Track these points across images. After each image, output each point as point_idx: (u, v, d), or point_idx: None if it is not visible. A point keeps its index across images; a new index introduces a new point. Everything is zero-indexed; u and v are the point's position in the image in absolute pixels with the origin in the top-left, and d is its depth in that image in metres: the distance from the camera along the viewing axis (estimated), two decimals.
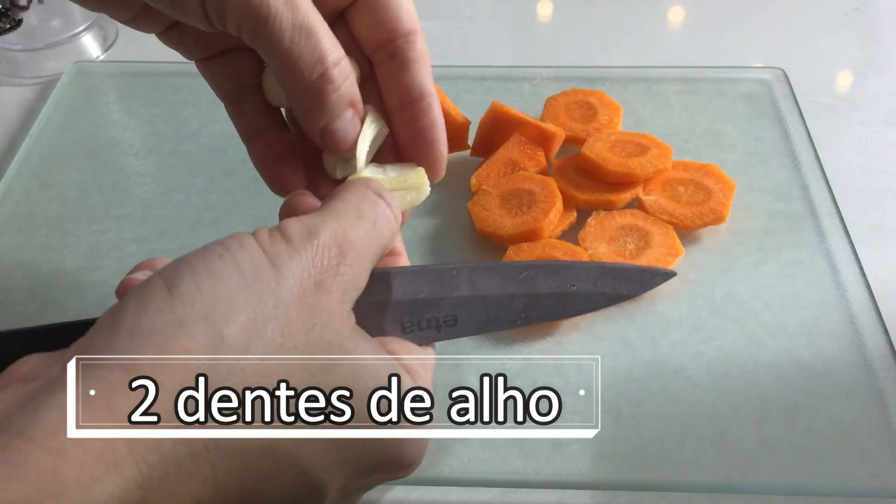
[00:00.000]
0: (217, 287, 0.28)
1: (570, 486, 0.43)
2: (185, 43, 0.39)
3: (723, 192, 0.56)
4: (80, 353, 0.26)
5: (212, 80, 0.40)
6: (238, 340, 0.27)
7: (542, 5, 0.82)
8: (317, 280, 0.30)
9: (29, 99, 0.69)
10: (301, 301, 0.29)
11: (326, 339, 0.30)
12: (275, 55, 0.34)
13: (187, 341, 0.27)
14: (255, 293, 0.28)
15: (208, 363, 0.27)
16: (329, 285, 0.30)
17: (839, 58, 0.73)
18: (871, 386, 0.47)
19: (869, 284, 0.51)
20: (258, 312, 0.28)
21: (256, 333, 0.28)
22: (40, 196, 0.59)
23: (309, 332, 0.29)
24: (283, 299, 0.29)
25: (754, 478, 0.43)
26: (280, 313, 0.29)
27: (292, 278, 0.29)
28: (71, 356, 0.26)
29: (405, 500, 0.43)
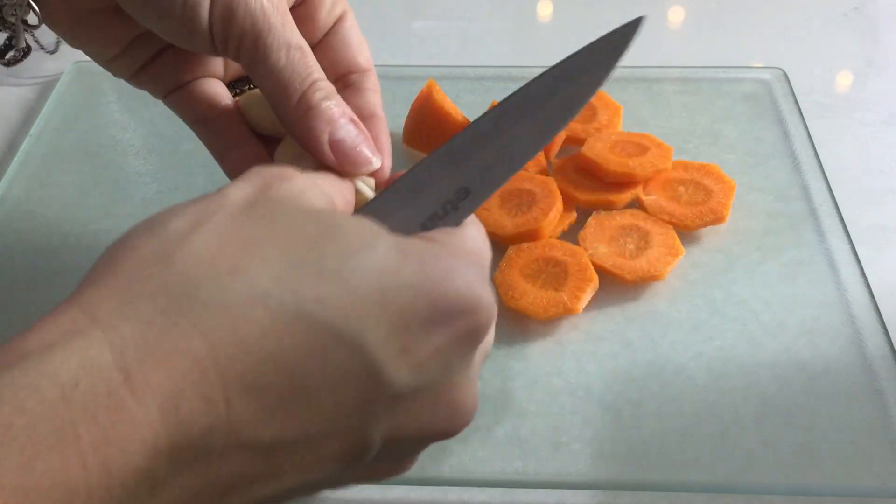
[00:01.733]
0: (162, 211, 0.29)
1: (570, 486, 0.43)
2: (159, 79, 0.41)
3: (723, 192, 0.56)
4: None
5: (182, 108, 0.41)
6: (180, 226, 0.27)
7: (542, 5, 0.82)
8: (264, 184, 0.30)
9: (29, 99, 0.69)
10: (252, 194, 0.29)
11: (287, 208, 0.29)
12: (271, 71, 0.36)
13: (129, 244, 0.27)
14: (198, 202, 0.29)
15: (155, 244, 0.27)
16: (280, 186, 0.30)
17: (839, 58, 0.73)
18: (871, 386, 0.47)
19: (869, 284, 0.51)
20: (201, 208, 0.28)
21: (202, 218, 0.28)
22: (40, 196, 0.59)
23: (266, 206, 0.29)
24: (228, 199, 0.29)
25: (754, 478, 0.43)
26: (227, 204, 0.28)
27: (236, 189, 0.29)
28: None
29: (405, 499, 0.43)
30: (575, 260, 0.51)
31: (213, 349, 0.24)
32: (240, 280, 0.26)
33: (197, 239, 0.27)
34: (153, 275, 0.26)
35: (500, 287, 0.51)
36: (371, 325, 0.27)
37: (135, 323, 0.24)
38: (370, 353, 0.27)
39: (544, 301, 0.50)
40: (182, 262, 0.26)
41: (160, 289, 0.25)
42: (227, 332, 0.25)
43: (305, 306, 0.26)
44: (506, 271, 0.52)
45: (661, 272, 0.51)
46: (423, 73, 0.66)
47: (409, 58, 0.72)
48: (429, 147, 0.61)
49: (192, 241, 0.27)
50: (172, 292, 0.25)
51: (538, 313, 0.49)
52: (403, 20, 0.79)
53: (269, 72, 0.36)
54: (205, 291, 0.25)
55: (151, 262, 0.26)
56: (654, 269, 0.51)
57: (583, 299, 0.50)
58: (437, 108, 0.59)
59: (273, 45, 0.35)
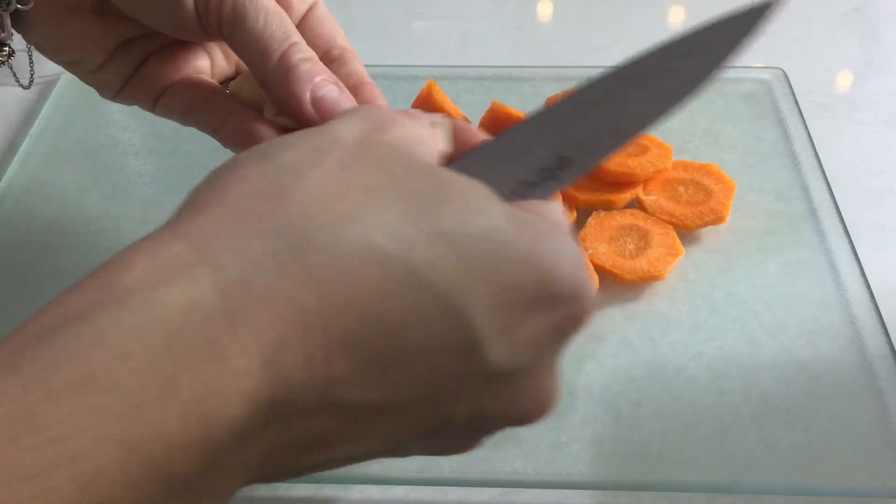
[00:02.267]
0: (272, 141, 0.28)
1: (570, 486, 0.43)
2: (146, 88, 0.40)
3: (723, 192, 0.56)
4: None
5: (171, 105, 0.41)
6: (295, 161, 0.26)
7: (542, 5, 0.82)
8: (376, 126, 0.29)
9: (29, 99, 0.69)
10: (362, 138, 0.28)
11: (404, 157, 0.28)
12: (249, 35, 0.36)
13: (238, 173, 0.26)
14: (308, 138, 0.28)
15: (268, 180, 0.25)
16: (392, 129, 0.29)
17: (839, 58, 0.73)
18: (871, 386, 0.47)
19: (869, 284, 0.51)
20: (315, 143, 0.27)
21: (316, 155, 0.26)
22: (40, 196, 0.59)
23: (379, 150, 0.27)
24: (340, 137, 0.28)
25: (754, 478, 0.43)
26: (340, 145, 0.27)
27: (346, 128, 0.28)
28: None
29: (405, 499, 0.43)
30: None
31: (321, 301, 0.23)
32: (357, 229, 0.25)
33: (314, 176, 0.25)
34: (267, 211, 0.24)
35: None
36: (478, 298, 0.26)
37: (244, 264, 0.23)
38: (473, 325, 0.25)
39: None
40: (299, 200, 0.25)
41: (274, 228, 0.24)
42: (339, 285, 0.24)
43: (418, 267, 0.25)
44: None
45: (661, 272, 0.51)
46: (423, 73, 0.66)
47: (409, 58, 0.72)
48: None
49: (309, 178, 0.25)
50: (287, 234, 0.24)
51: None
52: (403, 20, 0.79)
53: (248, 35, 0.36)
54: (322, 236, 0.24)
55: (264, 196, 0.25)
56: (654, 269, 0.51)
57: None
58: (437, 108, 0.59)
59: (251, 9, 0.36)
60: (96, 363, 0.21)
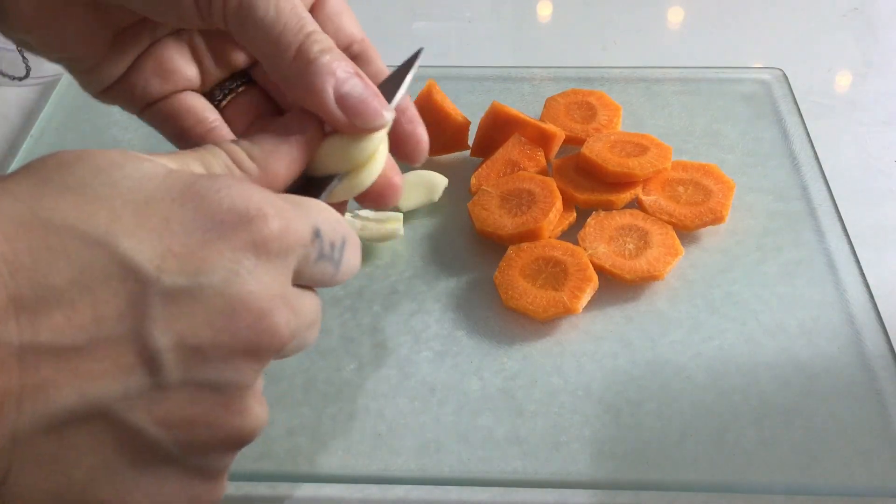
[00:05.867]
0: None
1: (570, 485, 0.43)
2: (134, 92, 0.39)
3: (722, 192, 0.56)
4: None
5: (162, 122, 0.40)
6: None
7: (542, 5, 0.82)
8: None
9: (30, 99, 0.69)
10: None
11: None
12: (260, 27, 0.33)
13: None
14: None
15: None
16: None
17: (838, 58, 0.73)
18: (871, 386, 0.47)
19: (868, 284, 0.51)
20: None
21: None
22: None
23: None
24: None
25: (754, 477, 0.43)
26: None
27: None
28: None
29: (405, 499, 0.44)
30: (574, 260, 0.51)
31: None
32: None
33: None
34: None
35: (500, 287, 0.51)
36: (124, 227, 0.26)
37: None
38: (123, 252, 0.26)
39: (544, 301, 0.50)
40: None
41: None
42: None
43: (40, 213, 0.26)
44: (505, 271, 0.52)
45: (660, 272, 0.51)
46: (423, 73, 0.66)
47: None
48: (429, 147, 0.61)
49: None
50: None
51: (538, 313, 0.50)
52: (403, 21, 0.79)
53: (259, 28, 0.33)
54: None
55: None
56: (654, 269, 0.51)
57: (582, 299, 0.50)
58: (437, 108, 0.59)
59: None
60: None
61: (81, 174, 0.27)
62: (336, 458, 0.44)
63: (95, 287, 0.26)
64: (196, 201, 0.28)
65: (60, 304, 0.25)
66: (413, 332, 0.50)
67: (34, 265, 0.25)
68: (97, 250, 0.26)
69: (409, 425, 0.46)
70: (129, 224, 0.27)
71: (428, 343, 0.50)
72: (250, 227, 0.28)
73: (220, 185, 0.29)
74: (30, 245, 0.26)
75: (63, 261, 0.26)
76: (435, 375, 0.48)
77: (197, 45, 0.39)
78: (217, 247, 0.28)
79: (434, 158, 0.61)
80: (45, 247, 0.26)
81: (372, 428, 0.46)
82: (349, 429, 0.46)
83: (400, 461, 0.44)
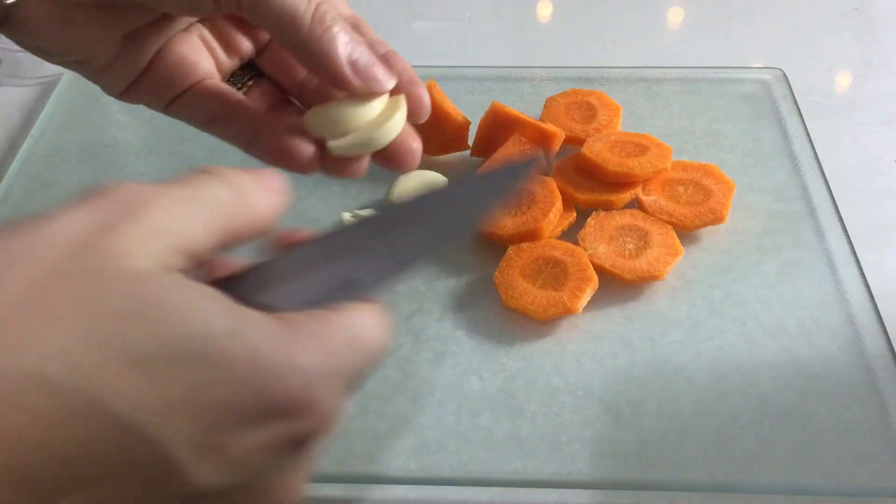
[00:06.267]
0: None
1: (570, 485, 0.43)
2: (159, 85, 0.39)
3: (722, 192, 0.56)
4: None
5: (191, 112, 0.40)
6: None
7: (542, 5, 0.82)
8: (102, 221, 0.25)
9: (30, 99, 0.69)
10: (75, 239, 0.24)
11: (105, 270, 0.24)
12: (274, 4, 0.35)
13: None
14: (13, 237, 0.24)
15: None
16: (120, 225, 0.25)
17: (838, 58, 0.73)
18: (871, 386, 0.47)
19: (868, 284, 0.51)
20: (10, 251, 0.24)
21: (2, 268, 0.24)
22: (41, 196, 0.60)
23: (82, 263, 0.24)
24: (50, 239, 0.24)
25: (754, 478, 0.43)
26: (44, 251, 0.24)
27: (69, 221, 0.25)
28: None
29: (405, 499, 0.44)
30: (574, 260, 0.51)
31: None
32: (20, 360, 0.23)
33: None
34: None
35: (500, 287, 0.51)
36: (175, 422, 0.24)
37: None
38: (168, 451, 0.24)
39: (544, 301, 0.50)
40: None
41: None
42: (5, 420, 0.22)
43: (98, 396, 0.23)
44: (505, 271, 0.52)
45: (660, 272, 0.51)
46: (423, 73, 0.66)
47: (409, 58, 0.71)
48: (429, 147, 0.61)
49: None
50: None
51: (538, 313, 0.50)
52: (403, 20, 0.79)
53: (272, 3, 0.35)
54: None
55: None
56: (654, 269, 0.51)
57: (582, 299, 0.50)
58: (437, 108, 0.59)
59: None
60: None
61: (147, 340, 0.24)
62: (336, 458, 0.44)
63: (127, 480, 0.24)
64: (253, 386, 0.25)
65: (90, 492, 0.24)
66: (413, 332, 0.50)
67: (72, 455, 0.23)
68: (143, 447, 0.24)
69: (409, 425, 0.46)
70: (180, 418, 0.24)
71: (428, 343, 0.50)
72: (295, 420, 0.26)
73: (285, 363, 0.26)
74: (71, 435, 0.23)
75: (102, 451, 0.24)
76: (435, 375, 0.48)
77: (207, 38, 0.41)
78: (259, 438, 0.26)
79: (434, 158, 0.61)
80: (88, 436, 0.23)
81: (372, 428, 0.46)
82: (349, 429, 0.46)
83: (400, 461, 0.44)
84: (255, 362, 0.25)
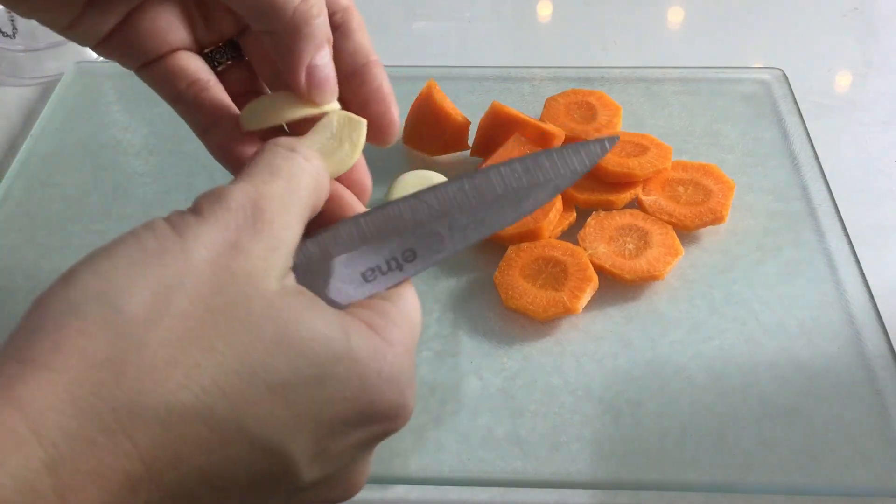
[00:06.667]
0: (114, 265, 0.26)
1: (570, 485, 0.43)
2: (128, 47, 0.39)
3: (722, 192, 0.56)
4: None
5: (159, 83, 0.39)
6: (138, 314, 0.26)
7: (542, 5, 0.82)
8: (231, 241, 0.28)
9: (30, 99, 0.69)
10: (214, 265, 0.27)
11: (248, 301, 0.27)
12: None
13: (79, 323, 0.25)
14: (159, 265, 0.27)
15: (109, 342, 0.25)
16: (247, 245, 0.28)
17: (838, 58, 0.73)
18: (871, 386, 0.47)
19: (868, 284, 0.51)
20: (162, 283, 0.26)
21: (161, 304, 0.26)
22: (41, 196, 0.60)
23: (226, 294, 0.27)
24: (191, 266, 0.27)
25: (754, 477, 0.43)
26: (189, 281, 0.27)
27: (202, 245, 0.27)
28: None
29: (405, 499, 0.44)
30: (574, 260, 0.51)
31: (150, 467, 0.25)
32: (187, 396, 0.26)
33: (152, 341, 0.26)
34: (102, 384, 0.25)
35: (500, 287, 0.51)
36: (301, 436, 0.28)
37: (76, 442, 0.24)
38: (292, 459, 0.28)
39: (544, 301, 0.50)
40: (133, 372, 0.25)
41: (107, 402, 0.25)
42: (167, 452, 0.25)
43: (245, 423, 0.27)
44: (506, 271, 0.52)
45: (660, 272, 0.51)
46: (423, 73, 0.66)
47: (409, 58, 0.72)
48: (429, 147, 0.61)
49: (148, 344, 0.25)
50: (119, 408, 0.25)
51: (538, 313, 0.50)
52: (403, 20, 0.79)
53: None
54: (151, 410, 0.25)
55: (102, 364, 0.25)
56: (654, 269, 0.51)
57: (582, 299, 0.50)
58: (437, 108, 0.59)
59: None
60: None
61: (285, 371, 0.27)
62: None
63: (255, 485, 0.28)
64: (362, 401, 0.29)
65: (223, 498, 0.27)
66: None
67: (220, 474, 0.27)
68: (273, 459, 0.28)
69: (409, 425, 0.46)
70: (305, 434, 0.28)
71: (428, 343, 0.50)
72: (387, 423, 0.30)
73: (388, 377, 0.30)
74: (225, 456, 0.26)
75: (244, 468, 0.27)
76: (435, 375, 0.48)
77: (188, 9, 0.39)
78: (356, 438, 0.30)
79: (434, 158, 0.61)
80: (237, 458, 0.27)
81: None
82: None
83: (401, 461, 0.44)
84: (363, 379, 0.29)
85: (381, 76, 0.38)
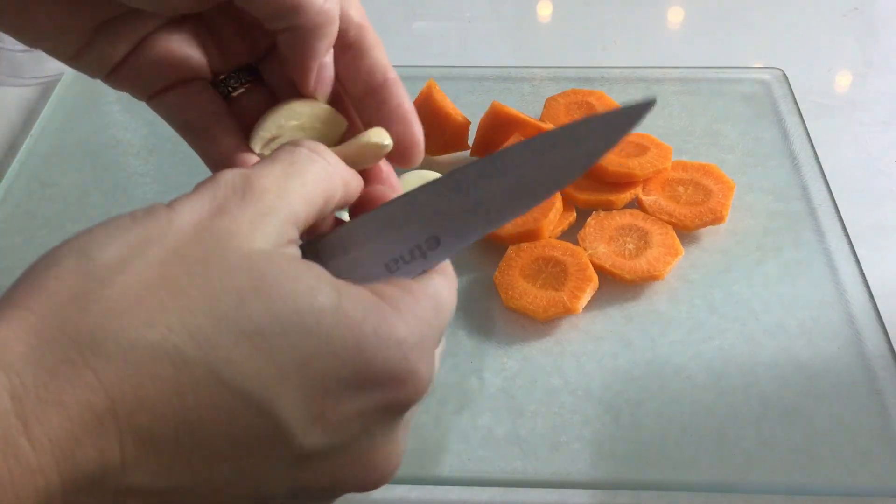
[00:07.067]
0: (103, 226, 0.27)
1: (570, 485, 0.43)
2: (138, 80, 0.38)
3: (722, 192, 0.56)
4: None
5: (170, 114, 0.39)
6: (110, 260, 0.26)
7: (542, 5, 0.82)
8: (218, 206, 0.28)
9: (30, 99, 0.69)
10: (196, 225, 0.27)
11: (226, 251, 0.27)
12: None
13: (55, 269, 0.26)
14: (142, 226, 0.27)
15: (78, 283, 0.26)
16: (233, 210, 0.28)
17: (838, 58, 0.73)
18: (871, 386, 0.47)
19: (868, 284, 0.51)
20: (141, 238, 0.27)
21: (135, 253, 0.26)
22: (41, 196, 0.60)
23: (204, 244, 0.27)
24: (173, 226, 0.27)
25: (754, 477, 0.43)
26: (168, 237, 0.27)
27: (188, 210, 0.28)
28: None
29: (405, 499, 0.44)
30: (574, 260, 0.51)
31: (114, 403, 0.25)
32: (152, 334, 0.25)
33: (120, 282, 0.26)
34: (67, 319, 0.25)
35: (500, 287, 0.51)
36: (286, 390, 0.27)
37: (39, 370, 0.24)
38: (281, 417, 0.27)
39: (544, 301, 0.50)
40: (98, 308, 0.25)
41: (71, 336, 0.25)
42: (130, 388, 0.25)
43: (216, 367, 0.26)
44: (506, 271, 0.52)
45: (660, 272, 0.51)
46: (423, 73, 0.66)
47: (409, 58, 0.72)
48: (429, 147, 0.61)
49: (115, 284, 0.26)
50: (82, 341, 0.25)
51: (538, 313, 0.50)
52: (403, 20, 0.79)
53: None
54: (113, 344, 0.25)
55: (68, 301, 0.25)
56: (654, 269, 0.51)
57: (582, 299, 0.50)
58: (437, 108, 0.59)
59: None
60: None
61: (261, 316, 0.26)
62: None
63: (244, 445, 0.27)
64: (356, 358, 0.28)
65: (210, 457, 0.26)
66: None
67: (196, 423, 0.26)
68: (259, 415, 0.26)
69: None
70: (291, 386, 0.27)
71: None
72: (395, 390, 0.29)
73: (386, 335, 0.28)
74: (197, 402, 0.26)
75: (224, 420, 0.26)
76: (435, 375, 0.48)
77: (200, 35, 0.39)
78: (361, 404, 0.28)
79: (434, 158, 0.61)
80: (212, 405, 0.26)
81: None
82: None
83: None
84: (356, 335, 0.27)
85: (400, 94, 0.37)
